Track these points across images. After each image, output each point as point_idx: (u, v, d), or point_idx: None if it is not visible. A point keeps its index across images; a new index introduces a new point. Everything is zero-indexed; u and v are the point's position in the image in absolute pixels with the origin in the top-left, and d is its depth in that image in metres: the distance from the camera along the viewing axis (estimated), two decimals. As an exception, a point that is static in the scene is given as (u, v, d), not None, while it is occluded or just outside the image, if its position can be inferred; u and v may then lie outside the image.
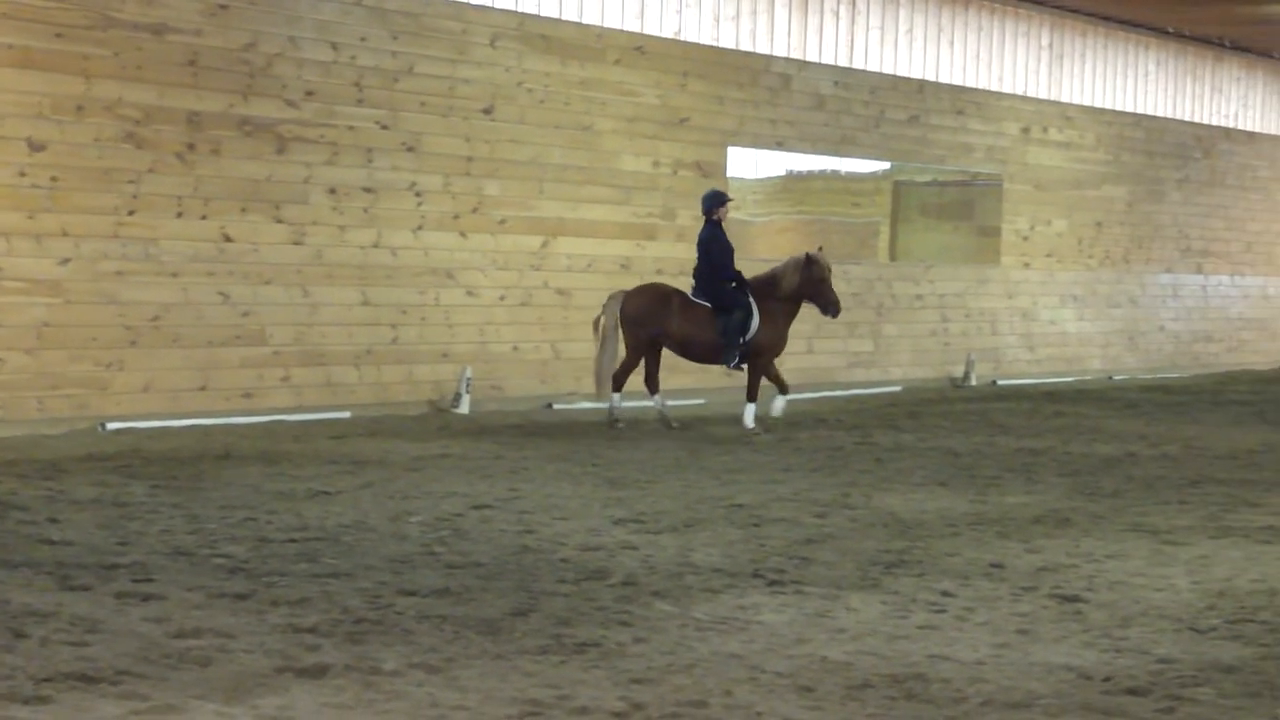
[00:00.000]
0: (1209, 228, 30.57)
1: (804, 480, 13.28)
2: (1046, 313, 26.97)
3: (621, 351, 17.04)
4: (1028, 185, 26.51)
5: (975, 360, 24.78)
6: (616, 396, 17.03)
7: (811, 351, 22.05)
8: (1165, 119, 29.56)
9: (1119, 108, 28.61)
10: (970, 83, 25.60)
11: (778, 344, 17.10)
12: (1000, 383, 24.94)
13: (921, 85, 24.56)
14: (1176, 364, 29.40)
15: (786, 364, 17.89)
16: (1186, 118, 30.22)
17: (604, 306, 17.16)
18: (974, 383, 24.51)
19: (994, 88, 26.02)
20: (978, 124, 25.51)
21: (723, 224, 17.16)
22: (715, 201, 17.23)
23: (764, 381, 17.22)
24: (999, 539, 10.62)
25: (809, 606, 8.37)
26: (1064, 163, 27.25)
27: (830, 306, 17.09)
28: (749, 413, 16.95)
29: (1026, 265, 26.61)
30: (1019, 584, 9.10)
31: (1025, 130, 26.42)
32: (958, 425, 18.02)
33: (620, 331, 16.96)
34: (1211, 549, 10.40)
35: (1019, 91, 26.53)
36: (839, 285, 17.60)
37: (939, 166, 25.10)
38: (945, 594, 8.77)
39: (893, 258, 24.45)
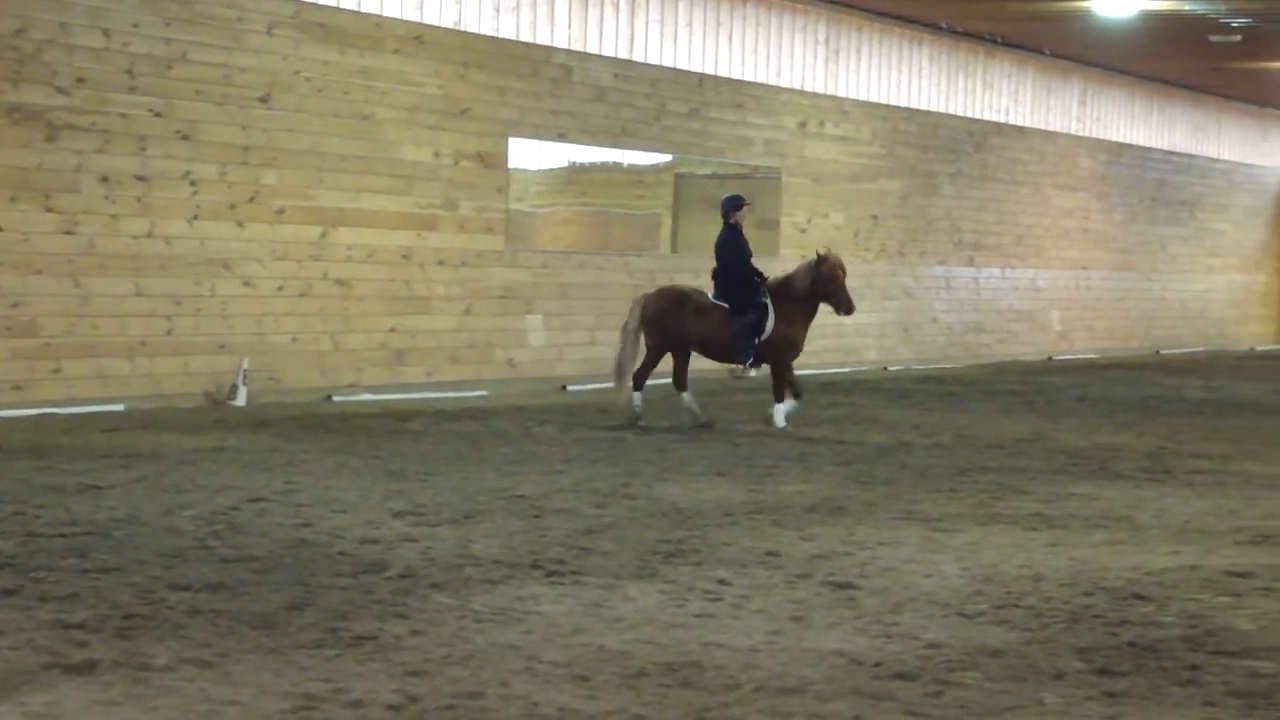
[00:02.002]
0: (981, 221, 31.22)
1: (585, 470, 13.32)
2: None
3: (643, 351, 17.17)
4: (805, 179, 26.86)
5: (755, 351, 25.00)
6: (638, 395, 17.07)
7: (594, 343, 22.12)
8: (939, 114, 30.12)
9: (894, 102, 29.10)
10: (749, 77, 25.85)
11: (794, 344, 17.26)
12: (779, 373, 25.19)
13: (701, 79, 24.75)
14: (949, 355, 29.99)
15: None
16: (959, 113, 30.83)
17: (630, 309, 17.33)
18: (752, 374, 24.70)
19: (772, 82, 26.31)
20: (756, 118, 25.78)
21: (741, 227, 17.41)
22: (733, 205, 17.50)
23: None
24: (775, 527, 10.76)
25: (587, 596, 8.41)
26: (841, 156, 27.64)
27: (843, 305, 17.27)
28: (778, 413, 17.05)
29: (804, 258, 26.86)
30: (794, 571, 9.23)
31: (803, 124, 26.76)
32: (737, 415, 18.19)
33: (642, 332, 17.12)
34: (980, 536, 10.65)
35: (796, 86, 26.86)
36: (621, 277, 17.63)
37: (719, 159, 25.31)
38: (722, 582, 8.87)
39: (674, 249, 24.59)
